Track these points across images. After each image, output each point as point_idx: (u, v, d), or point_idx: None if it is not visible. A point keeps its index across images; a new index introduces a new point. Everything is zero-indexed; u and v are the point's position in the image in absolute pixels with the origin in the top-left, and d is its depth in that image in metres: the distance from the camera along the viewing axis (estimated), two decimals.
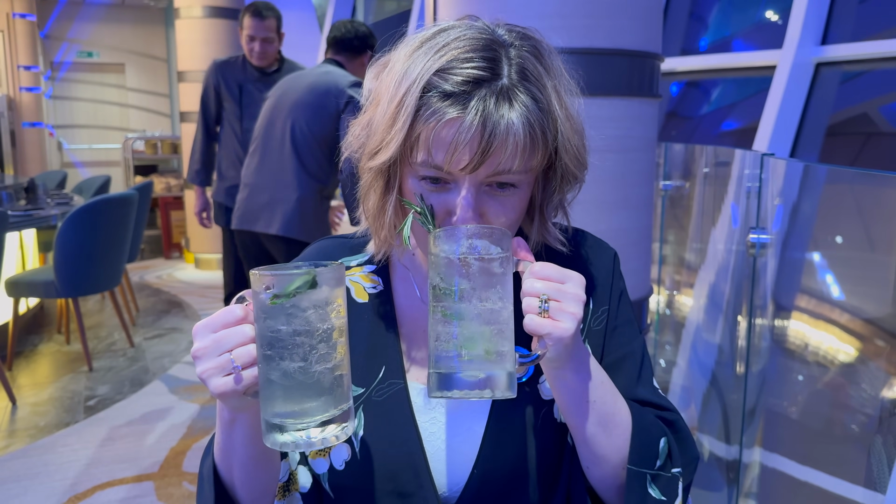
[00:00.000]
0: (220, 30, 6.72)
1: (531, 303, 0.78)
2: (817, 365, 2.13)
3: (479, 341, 0.76)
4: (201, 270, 7.15)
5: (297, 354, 0.73)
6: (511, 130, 0.79)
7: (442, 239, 0.78)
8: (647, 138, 1.99)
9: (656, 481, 0.88)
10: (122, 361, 4.40)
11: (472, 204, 0.82)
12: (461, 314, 0.76)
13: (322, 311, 0.74)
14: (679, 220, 3.67)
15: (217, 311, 0.77)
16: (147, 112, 10.41)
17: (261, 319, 0.74)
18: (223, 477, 0.89)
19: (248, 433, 0.84)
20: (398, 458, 0.91)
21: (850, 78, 3.99)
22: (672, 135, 4.99)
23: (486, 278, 0.76)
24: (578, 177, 0.90)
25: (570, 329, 0.77)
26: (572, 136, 0.86)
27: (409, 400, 0.93)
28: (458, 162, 0.80)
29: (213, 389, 0.75)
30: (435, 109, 0.79)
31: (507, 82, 0.80)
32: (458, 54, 0.80)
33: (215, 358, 0.75)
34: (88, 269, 4.14)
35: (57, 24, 9.89)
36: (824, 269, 2.18)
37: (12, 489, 2.84)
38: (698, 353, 3.22)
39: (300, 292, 0.73)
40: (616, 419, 0.87)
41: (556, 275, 0.79)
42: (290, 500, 0.94)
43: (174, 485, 2.88)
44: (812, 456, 2.07)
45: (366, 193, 0.91)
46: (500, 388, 0.76)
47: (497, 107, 0.79)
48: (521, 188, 0.85)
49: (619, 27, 1.84)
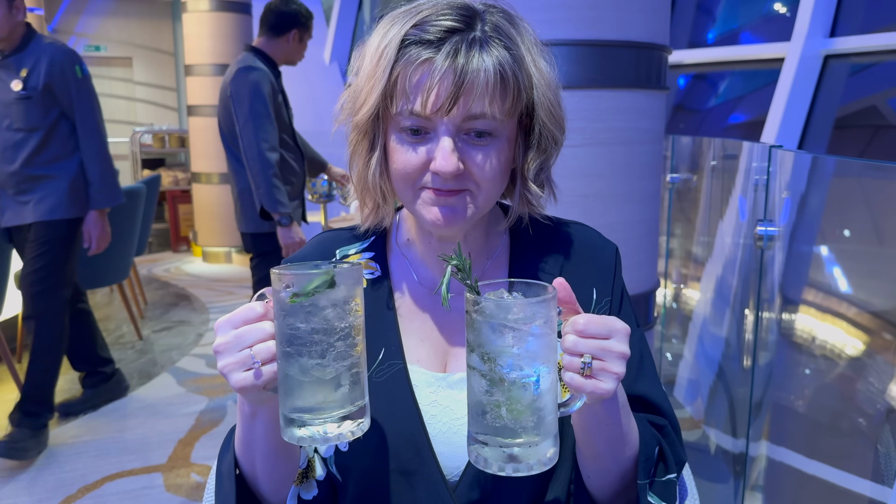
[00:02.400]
0: (228, 23, 6.73)
1: (572, 361, 0.75)
2: (824, 358, 2.13)
3: (522, 413, 0.73)
4: (209, 263, 7.17)
5: (314, 352, 0.74)
6: (482, 69, 0.82)
7: (481, 302, 0.74)
8: (655, 131, 1.98)
9: (653, 488, 0.89)
10: (131, 354, 4.43)
11: (451, 148, 0.84)
12: (505, 383, 0.73)
13: (340, 309, 0.75)
14: (686, 213, 3.66)
15: (238, 308, 0.79)
16: (155, 106, 10.44)
17: (280, 317, 0.75)
18: (244, 470, 0.91)
19: (268, 426, 0.85)
20: (400, 436, 0.92)
21: (859, 70, 3.97)
22: (680, 128, 4.97)
23: (531, 341, 0.73)
24: (557, 137, 0.92)
25: (612, 390, 0.75)
26: (546, 91, 0.89)
27: (409, 380, 0.94)
28: (432, 104, 0.83)
29: (233, 384, 0.76)
30: (411, 55, 0.84)
31: (481, 34, 0.85)
32: (434, 11, 0.85)
33: (236, 353, 0.76)
34: (97, 263, 4.16)
35: (65, 17, 9.91)
36: (832, 262, 2.17)
37: (22, 480, 2.87)
38: (705, 347, 3.21)
39: (319, 291, 0.74)
40: (627, 438, 0.88)
41: (600, 331, 0.75)
42: (307, 485, 0.96)
43: (182, 476, 2.90)
44: (819, 449, 2.07)
45: (352, 160, 0.94)
46: (544, 461, 0.75)
47: (468, 49, 0.83)
48: (499, 139, 0.87)
49: (626, 19, 1.83)
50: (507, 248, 1.02)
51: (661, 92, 1.99)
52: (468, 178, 0.87)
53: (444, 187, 0.86)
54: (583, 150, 1.80)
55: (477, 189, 0.88)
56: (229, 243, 7.12)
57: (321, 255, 1.03)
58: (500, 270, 1.00)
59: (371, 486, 0.94)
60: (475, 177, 0.87)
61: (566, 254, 1.00)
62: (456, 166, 0.84)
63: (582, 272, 0.99)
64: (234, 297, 5.80)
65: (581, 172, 1.83)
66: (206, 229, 7.16)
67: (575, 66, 1.80)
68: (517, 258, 1.00)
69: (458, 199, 0.88)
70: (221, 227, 7.10)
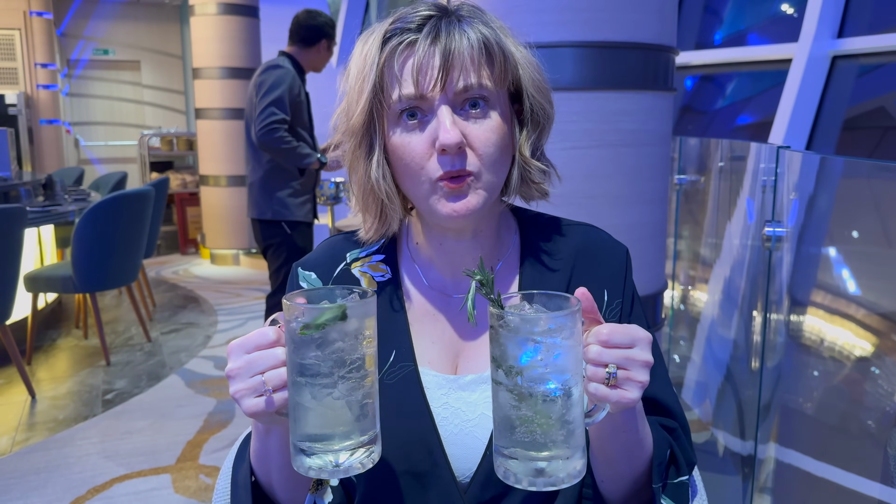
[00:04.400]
0: (235, 26, 6.76)
1: (597, 372, 0.75)
2: (833, 360, 2.12)
3: (552, 427, 0.72)
4: (217, 266, 7.19)
5: (325, 383, 0.73)
6: (464, 42, 0.86)
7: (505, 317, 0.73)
8: (662, 132, 1.98)
9: (666, 491, 0.90)
10: (140, 356, 4.45)
11: (451, 119, 0.86)
12: (533, 397, 0.72)
13: (351, 342, 0.74)
14: (694, 214, 3.66)
15: (251, 332, 0.78)
16: (162, 109, 10.48)
17: (290, 348, 0.74)
18: (260, 479, 0.92)
19: (282, 441, 0.86)
20: (411, 437, 0.92)
21: (867, 71, 3.96)
22: (688, 129, 4.96)
23: (559, 354, 0.72)
24: (548, 111, 0.95)
25: (637, 399, 0.75)
26: (529, 67, 0.92)
27: (420, 382, 0.94)
28: (425, 83, 0.85)
29: (245, 409, 0.76)
30: (394, 45, 0.87)
31: (457, 17, 0.89)
32: (410, 10, 0.89)
33: (248, 379, 0.76)
34: (106, 265, 4.18)
35: (73, 21, 9.97)
36: (840, 263, 2.17)
37: (32, 482, 2.88)
38: (713, 349, 3.21)
39: (329, 324, 0.73)
40: (642, 443, 0.88)
41: (624, 340, 0.75)
42: (322, 492, 0.96)
43: (191, 477, 2.91)
44: (828, 451, 2.06)
45: (351, 170, 0.95)
46: (574, 474, 0.74)
47: (449, 27, 0.87)
48: (494, 109, 0.89)
49: (633, 20, 1.84)
50: (517, 250, 1.02)
51: (669, 93, 1.99)
52: (471, 154, 0.88)
53: (453, 168, 0.87)
54: (590, 151, 1.80)
55: (479, 170, 0.88)
56: (237, 245, 7.15)
57: (332, 259, 1.03)
58: (512, 272, 1.00)
59: (382, 488, 0.94)
60: (477, 152, 0.88)
61: (577, 255, 1.00)
62: (458, 137, 0.85)
63: (593, 274, 1.00)
64: (242, 299, 5.82)
65: (588, 174, 1.83)
66: (214, 232, 7.18)
67: (582, 68, 1.80)
68: (527, 260, 1.00)
69: (466, 188, 0.88)
70: (229, 230, 7.12)
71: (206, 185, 7.10)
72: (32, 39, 8.98)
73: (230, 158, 6.93)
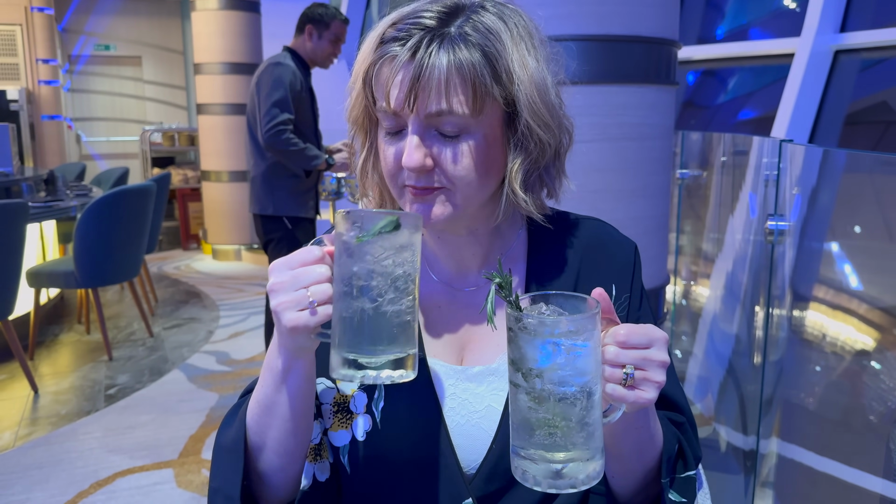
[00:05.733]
0: (237, 21, 6.75)
1: (614, 373, 0.75)
2: (835, 355, 2.12)
3: (572, 430, 0.72)
4: (219, 261, 7.20)
5: (374, 293, 0.76)
6: (436, 66, 0.82)
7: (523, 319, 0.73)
8: (664, 126, 1.98)
9: (674, 485, 0.90)
10: (142, 351, 4.45)
11: (416, 143, 0.84)
12: (553, 400, 0.72)
13: (401, 254, 0.77)
14: (696, 209, 3.65)
15: (295, 251, 0.80)
16: (164, 104, 10.48)
17: (343, 258, 0.76)
18: (252, 442, 0.90)
19: (300, 383, 0.85)
20: (418, 427, 0.92)
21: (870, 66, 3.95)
22: (690, 124, 4.95)
23: (578, 357, 0.72)
24: (544, 139, 0.89)
25: (654, 399, 0.75)
26: (530, 89, 0.86)
27: (428, 372, 0.94)
28: (395, 98, 0.84)
29: (286, 323, 0.77)
30: (382, 51, 0.85)
31: (454, 31, 0.84)
32: (416, 8, 0.86)
33: (292, 293, 0.77)
34: (107, 260, 4.19)
35: (74, 17, 9.96)
36: (843, 258, 2.16)
37: (35, 476, 2.89)
38: (715, 343, 3.21)
39: (385, 232, 0.76)
40: (653, 440, 0.88)
41: (641, 340, 0.75)
42: (321, 466, 0.96)
43: (193, 472, 2.91)
44: (830, 446, 2.06)
45: (353, 153, 0.97)
46: (592, 475, 0.74)
47: (427, 46, 0.82)
48: (471, 136, 0.85)
49: (635, 13, 1.83)
50: (524, 244, 1.01)
51: (671, 87, 1.99)
52: (441, 176, 0.86)
53: (418, 184, 0.86)
54: (593, 145, 1.80)
55: (452, 187, 0.87)
56: (239, 241, 7.15)
57: None
58: (517, 266, 1.00)
59: (388, 477, 0.94)
60: (447, 174, 0.86)
61: (584, 249, 1.00)
62: (420, 162, 0.84)
63: (601, 268, 0.99)
64: (244, 295, 5.82)
65: (591, 168, 1.83)
66: (216, 227, 7.19)
67: (584, 62, 1.80)
68: (535, 254, 1.00)
69: (433, 197, 0.87)
70: (231, 225, 7.12)
71: (208, 181, 7.10)
72: (34, 35, 8.97)
73: (232, 154, 6.93)
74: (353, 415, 0.94)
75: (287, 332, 0.79)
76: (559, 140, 0.91)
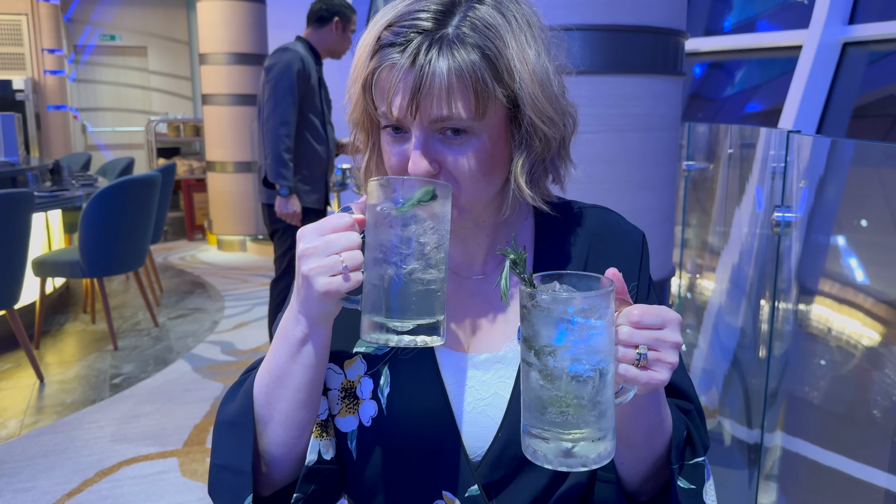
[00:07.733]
0: (242, 12, 6.74)
1: (627, 353, 0.75)
2: (840, 349, 2.11)
3: (585, 408, 0.72)
4: (224, 252, 7.21)
5: (408, 261, 0.77)
6: (437, 73, 0.80)
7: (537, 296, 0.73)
8: (671, 117, 1.97)
9: (683, 472, 0.90)
10: (147, 341, 4.47)
11: (420, 150, 0.84)
12: (566, 378, 0.72)
13: (434, 223, 0.79)
14: (702, 202, 3.64)
15: (326, 217, 0.81)
16: (169, 95, 10.48)
17: (378, 226, 0.78)
18: (259, 415, 0.90)
19: (317, 352, 0.86)
20: (425, 413, 0.92)
21: (879, 58, 3.92)
22: (697, 117, 4.93)
23: (592, 335, 0.71)
24: (547, 133, 0.88)
25: (667, 380, 0.75)
26: (531, 85, 0.84)
27: (435, 358, 0.94)
28: (396, 107, 0.83)
29: (318, 287, 0.78)
30: (380, 58, 0.83)
31: (452, 32, 0.82)
32: (410, 7, 0.84)
33: (324, 258, 0.78)
34: (113, 250, 4.20)
35: (80, 7, 9.96)
36: (849, 252, 2.15)
37: (40, 464, 2.90)
38: (720, 336, 3.20)
39: (423, 201, 0.77)
40: (662, 426, 0.88)
41: (654, 321, 0.75)
42: (326, 444, 0.95)
43: (198, 461, 2.92)
44: (835, 440, 2.06)
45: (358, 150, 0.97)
46: (604, 454, 0.74)
47: (427, 52, 0.81)
48: (476, 137, 0.85)
49: (642, 3, 1.82)
50: (531, 233, 1.01)
51: (678, 78, 1.98)
52: (447, 177, 0.86)
53: None
54: (598, 136, 1.79)
55: (457, 188, 0.86)
56: (244, 232, 7.16)
57: None
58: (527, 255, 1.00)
59: (394, 463, 0.94)
60: (453, 175, 0.86)
61: (592, 237, 1.00)
62: (426, 169, 0.84)
63: (608, 256, 0.99)
64: (249, 285, 5.83)
65: (596, 159, 1.82)
66: (221, 218, 7.20)
67: (590, 52, 1.78)
68: (542, 241, 1.00)
69: None
70: (236, 216, 7.13)
71: (213, 171, 7.10)
72: (39, 25, 8.97)
73: (237, 144, 6.93)
74: (359, 400, 0.94)
75: (318, 298, 0.79)
76: (563, 131, 0.91)
